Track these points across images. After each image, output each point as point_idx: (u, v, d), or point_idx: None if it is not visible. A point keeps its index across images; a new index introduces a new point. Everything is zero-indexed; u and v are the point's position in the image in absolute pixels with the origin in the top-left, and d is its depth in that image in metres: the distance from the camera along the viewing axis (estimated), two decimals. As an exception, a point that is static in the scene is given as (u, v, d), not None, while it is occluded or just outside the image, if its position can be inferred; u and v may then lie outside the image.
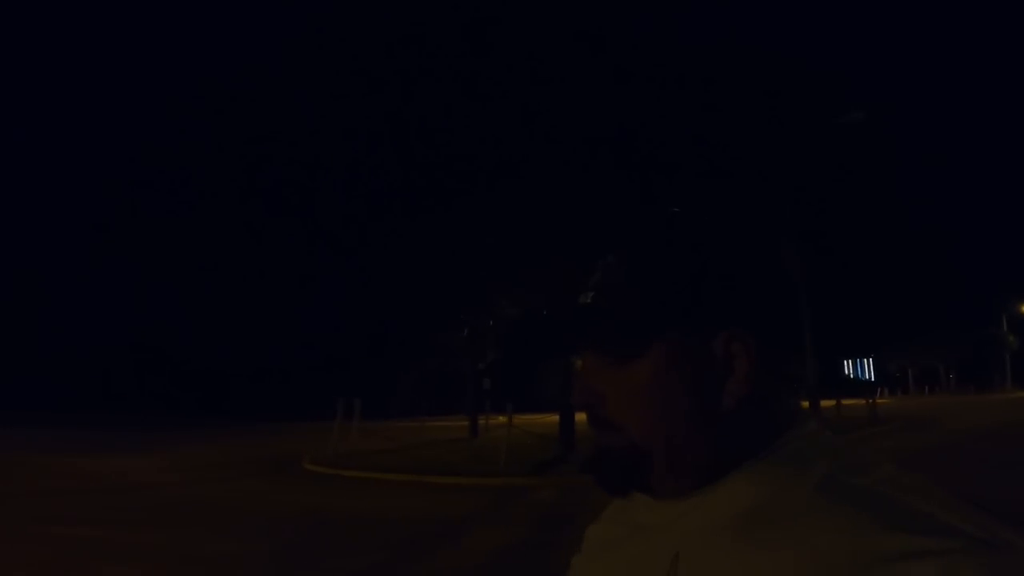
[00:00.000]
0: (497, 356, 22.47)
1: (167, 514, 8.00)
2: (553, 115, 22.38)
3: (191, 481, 10.85)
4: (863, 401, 23.42)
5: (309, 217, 29.57)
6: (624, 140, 23.65)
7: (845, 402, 24.96)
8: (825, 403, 23.64)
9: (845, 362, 63.54)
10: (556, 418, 16.36)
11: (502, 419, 22.94)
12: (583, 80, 22.38)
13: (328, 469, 12.66)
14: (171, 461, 13.42)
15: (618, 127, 22.93)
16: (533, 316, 0.78)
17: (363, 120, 24.32)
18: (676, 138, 22.65)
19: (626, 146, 23.49)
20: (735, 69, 25.28)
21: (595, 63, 22.04)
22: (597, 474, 0.69)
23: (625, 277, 0.69)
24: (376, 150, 25.73)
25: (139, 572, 5.38)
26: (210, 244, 35.16)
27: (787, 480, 0.61)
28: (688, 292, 0.66)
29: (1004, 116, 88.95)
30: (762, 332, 0.65)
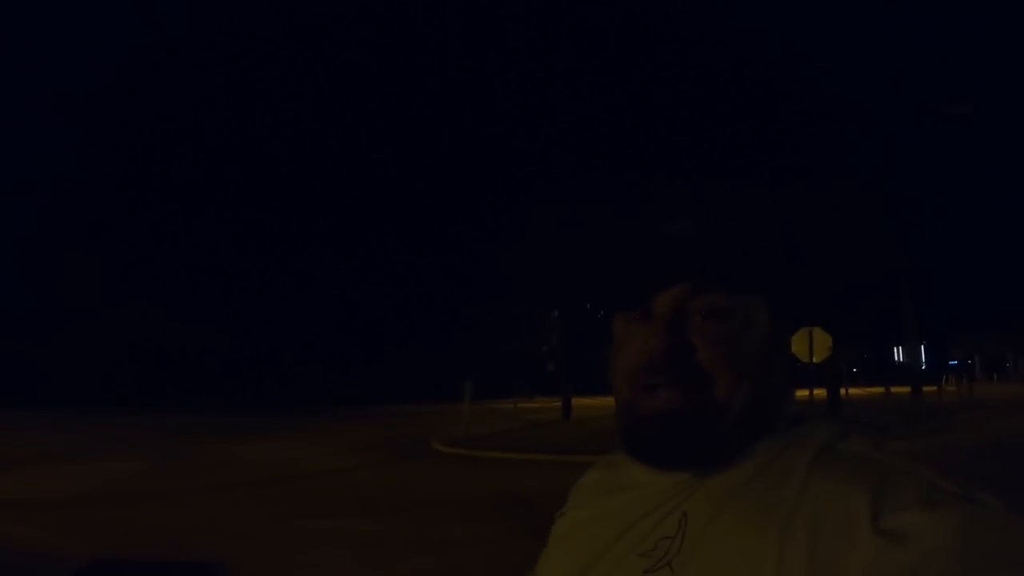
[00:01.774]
0: (560, 341, 22.84)
1: (379, 499, 8.45)
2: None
3: (365, 464, 11.33)
4: (918, 388, 23.39)
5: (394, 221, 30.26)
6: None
7: (894, 389, 24.56)
8: (891, 389, 23.74)
9: (895, 348, 62.51)
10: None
11: (588, 401, 23.50)
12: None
13: (459, 450, 13.17)
14: (332, 446, 13.91)
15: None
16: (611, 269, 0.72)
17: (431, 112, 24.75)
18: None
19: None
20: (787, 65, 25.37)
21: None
22: (655, 442, 0.67)
23: (723, 216, 0.72)
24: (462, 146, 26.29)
25: (439, 560, 5.72)
26: (305, 243, 36.08)
27: (789, 446, 0.66)
28: (785, 251, 0.71)
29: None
30: (798, 312, 0.72)
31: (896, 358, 61.52)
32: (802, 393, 17.26)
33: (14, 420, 16.66)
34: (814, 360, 15.29)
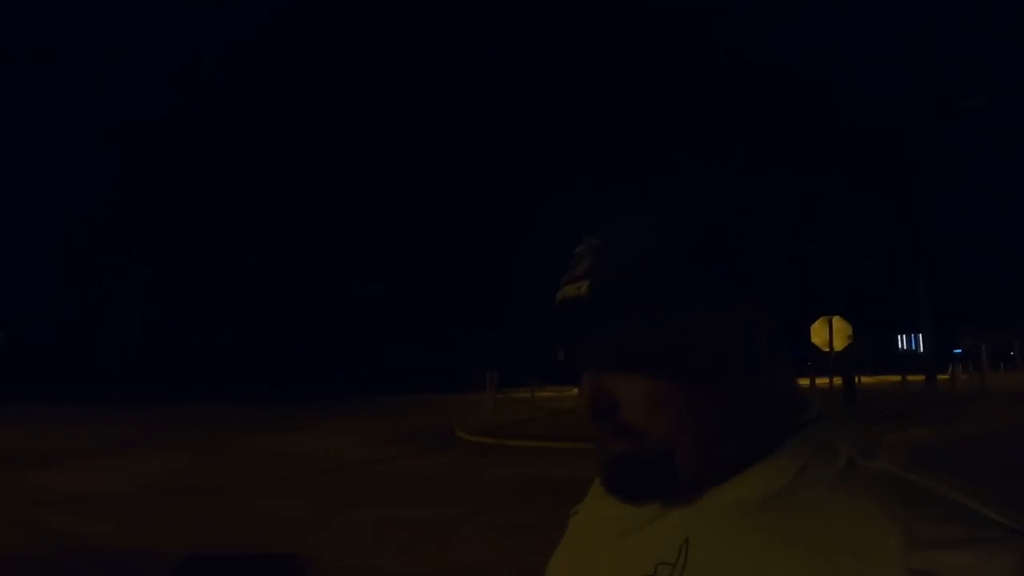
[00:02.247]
0: None
1: (424, 487, 8.61)
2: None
3: (399, 454, 11.50)
4: (921, 377, 23.61)
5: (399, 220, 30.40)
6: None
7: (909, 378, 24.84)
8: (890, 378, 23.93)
9: (899, 336, 62.79)
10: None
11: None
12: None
13: (486, 438, 13.36)
14: (358, 437, 14.04)
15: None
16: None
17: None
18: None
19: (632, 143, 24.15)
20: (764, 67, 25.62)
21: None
22: (616, 485, 0.64)
23: (625, 258, 0.62)
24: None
25: (505, 544, 5.90)
26: (315, 235, 36.18)
27: (808, 464, 0.59)
28: (707, 269, 0.61)
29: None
30: (776, 312, 0.64)
31: (900, 346, 61.82)
32: (822, 381, 17.52)
33: (36, 415, 16.76)
34: (833, 348, 15.51)
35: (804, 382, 18.82)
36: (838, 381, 18.18)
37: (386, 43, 36.27)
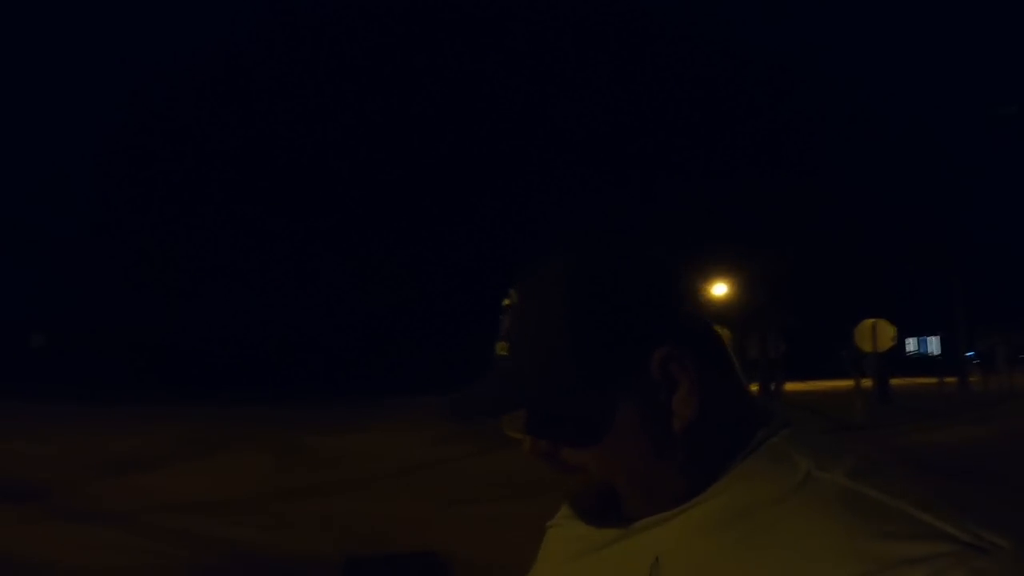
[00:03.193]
0: None
1: (510, 483, 8.21)
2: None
3: (471, 452, 11.43)
4: (934, 380, 24.00)
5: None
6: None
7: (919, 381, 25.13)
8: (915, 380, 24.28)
9: (907, 340, 62.95)
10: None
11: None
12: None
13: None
14: (418, 435, 14.06)
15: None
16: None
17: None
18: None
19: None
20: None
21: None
22: (575, 510, 0.69)
23: (534, 318, 0.65)
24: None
25: None
26: (349, 231, 36.43)
27: (767, 481, 0.60)
28: (614, 326, 0.63)
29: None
30: (690, 340, 0.64)
31: (907, 349, 61.87)
32: (866, 383, 17.80)
33: (95, 417, 16.99)
34: (877, 350, 15.84)
35: (848, 383, 19.35)
36: (867, 383, 18.46)
37: (386, 42, 36.53)
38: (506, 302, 0.68)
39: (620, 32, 29.53)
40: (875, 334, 15.77)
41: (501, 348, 0.67)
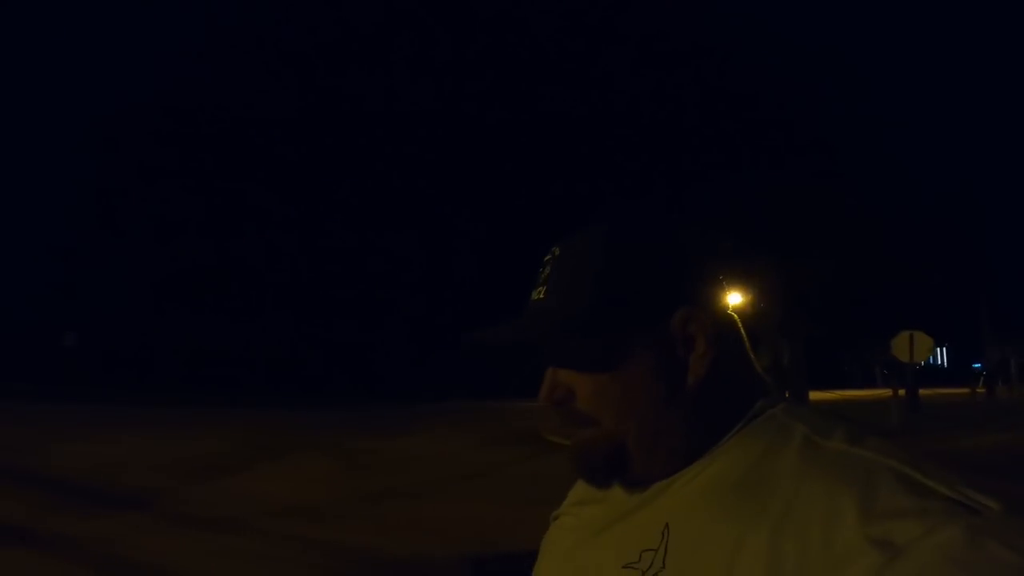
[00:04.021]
0: None
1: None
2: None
3: (526, 456, 11.74)
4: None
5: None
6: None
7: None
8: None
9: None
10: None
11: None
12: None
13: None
14: (468, 440, 14.38)
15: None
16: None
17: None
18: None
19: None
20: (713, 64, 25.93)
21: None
22: (580, 468, 0.71)
23: (574, 269, 0.71)
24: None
25: None
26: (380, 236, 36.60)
27: (769, 446, 0.64)
28: (642, 281, 0.68)
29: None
30: (712, 307, 0.69)
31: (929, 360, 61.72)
32: (901, 392, 18.27)
33: (144, 419, 17.04)
34: (915, 361, 16.22)
35: (887, 392, 19.59)
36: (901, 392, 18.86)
37: (386, 42, 36.63)
38: (548, 257, 0.74)
39: (650, 33, 29.59)
40: (912, 345, 16.16)
41: (537, 293, 0.73)
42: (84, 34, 46.87)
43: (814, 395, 25.42)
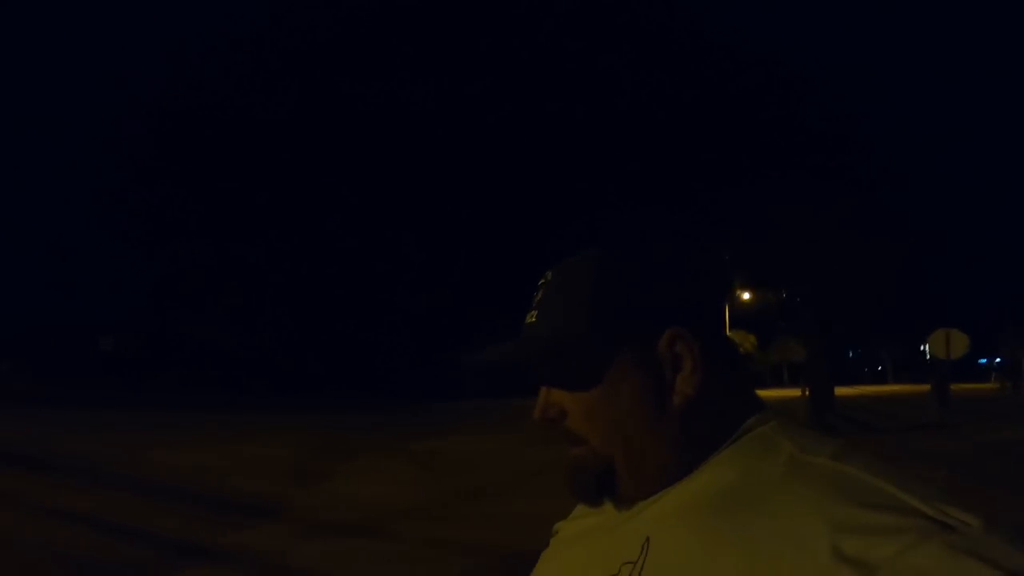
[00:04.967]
0: None
1: None
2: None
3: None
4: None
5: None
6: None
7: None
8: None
9: (923, 347, 63.50)
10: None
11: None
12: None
13: None
14: (510, 441, 14.30)
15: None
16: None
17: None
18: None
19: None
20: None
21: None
22: (571, 486, 0.73)
23: (564, 293, 0.72)
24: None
25: None
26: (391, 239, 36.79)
27: (753, 463, 0.64)
28: (629, 303, 0.69)
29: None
30: (701, 327, 0.69)
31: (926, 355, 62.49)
32: (923, 387, 19.27)
33: (193, 423, 17.27)
34: (951, 357, 17.53)
35: (925, 388, 20.31)
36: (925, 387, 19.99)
37: (386, 41, 36.86)
38: (542, 281, 0.76)
39: (669, 36, 30.12)
40: (948, 343, 17.39)
41: (530, 316, 0.75)
42: (86, 36, 46.80)
43: (840, 391, 25.94)
